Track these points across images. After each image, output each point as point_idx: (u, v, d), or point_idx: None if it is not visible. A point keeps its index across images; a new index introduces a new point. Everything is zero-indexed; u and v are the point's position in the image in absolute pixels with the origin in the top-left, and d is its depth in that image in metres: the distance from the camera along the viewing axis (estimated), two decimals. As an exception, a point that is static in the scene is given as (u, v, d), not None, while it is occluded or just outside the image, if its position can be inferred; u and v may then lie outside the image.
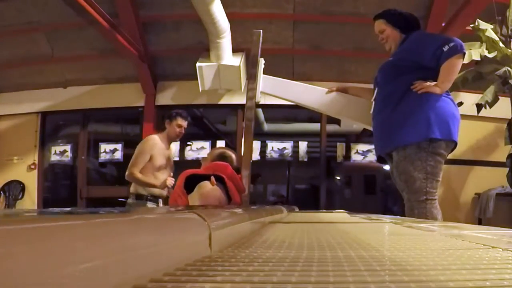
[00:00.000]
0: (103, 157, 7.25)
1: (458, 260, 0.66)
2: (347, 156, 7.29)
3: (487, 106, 5.05)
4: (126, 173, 3.92)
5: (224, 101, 6.83)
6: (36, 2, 5.86)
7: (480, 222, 6.03)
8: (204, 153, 6.54)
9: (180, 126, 4.01)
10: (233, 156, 2.94)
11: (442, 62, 2.52)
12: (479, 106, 5.08)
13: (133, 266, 0.46)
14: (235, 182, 2.64)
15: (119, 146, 7.22)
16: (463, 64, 2.75)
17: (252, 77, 3.19)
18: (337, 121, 7.51)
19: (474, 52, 4.90)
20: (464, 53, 2.59)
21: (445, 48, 2.51)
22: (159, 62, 6.78)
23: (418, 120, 2.56)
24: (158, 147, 3.94)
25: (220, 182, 2.51)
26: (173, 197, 2.60)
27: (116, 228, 0.49)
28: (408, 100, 2.60)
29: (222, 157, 2.83)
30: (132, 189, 4.04)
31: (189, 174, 2.57)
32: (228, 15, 5.45)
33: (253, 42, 3.32)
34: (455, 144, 2.60)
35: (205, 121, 8.61)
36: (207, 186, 2.45)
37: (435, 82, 2.55)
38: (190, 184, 2.49)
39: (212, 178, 2.46)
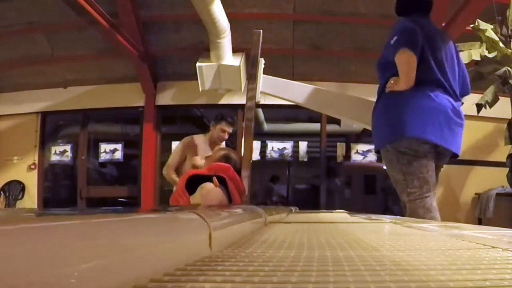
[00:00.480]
0: (103, 157, 7.26)
1: (458, 260, 0.66)
2: (347, 156, 7.29)
3: (487, 106, 5.05)
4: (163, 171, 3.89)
5: (224, 101, 6.83)
6: (36, 2, 5.86)
7: (480, 222, 6.03)
8: (204, 153, 6.54)
9: (224, 131, 3.87)
10: (237, 159, 2.95)
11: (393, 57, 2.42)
12: (479, 106, 5.08)
13: (133, 266, 0.46)
14: (236, 184, 2.65)
15: (119, 146, 7.23)
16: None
17: (252, 77, 3.19)
18: (337, 121, 7.51)
19: (474, 52, 4.90)
20: (407, 47, 2.38)
21: (391, 42, 2.43)
22: (159, 62, 6.78)
23: (382, 123, 2.55)
24: (195, 148, 3.81)
25: (221, 183, 2.52)
26: (174, 197, 2.60)
27: (116, 228, 0.49)
28: (380, 101, 2.59)
29: (227, 158, 2.83)
30: None
31: (191, 175, 2.57)
32: (228, 15, 5.45)
33: (253, 42, 3.32)
34: (427, 140, 2.43)
35: (205, 121, 8.62)
36: (209, 187, 2.46)
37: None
38: (192, 185, 2.50)
39: (215, 179, 2.47)
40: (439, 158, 2.61)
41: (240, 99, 6.38)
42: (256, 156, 7.04)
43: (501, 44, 4.91)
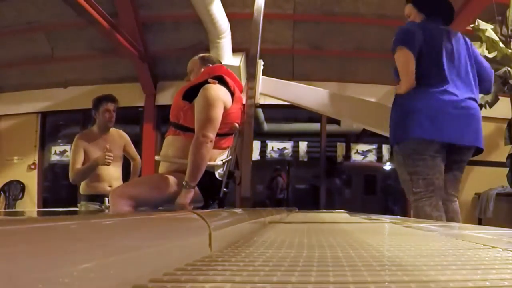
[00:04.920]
0: (103, 157, 7.24)
1: (458, 260, 0.66)
2: (347, 156, 7.29)
3: (487, 106, 5.05)
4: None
5: (224, 101, 6.82)
6: (35, 2, 5.86)
7: (480, 222, 6.03)
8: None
9: (107, 110, 3.64)
10: (211, 55, 2.88)
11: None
12: (479, 106, 5.07)
13: (133, 266, 0.46)
14: (233, 78, 2.62)
15: (119, 146, 7.21)
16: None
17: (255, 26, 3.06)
18: (337, 121, 7.52)
19: (474, 52, 4.89)
20: (402, 45, 2.43)
21: (392, 43, 2.47)
22: (159, 62, 6.78)
23: (390, 125, 2.59)
24: (87, 142, 3.58)
25: (220, 81, 2.48)
26: (174, 114, 2.53)
27: (116, 228, 0.49)
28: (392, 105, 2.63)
29: (204, 60, 2.71)
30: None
31: (187, 88, 2.52)
32: (228, 15, 5.44)
33: None
34: (427, 138, 2.41)
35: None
36: (210, 87, 2.42)
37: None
38: (190, 95, 2.46)
39: (212, 80, 2.45)
40: (456, 153, 2.56)
41: (240, 99, 6.38)
42: (256, 156, 7.03)
43: (501, 44, 4.90)
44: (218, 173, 2.47)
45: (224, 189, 2.55)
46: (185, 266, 0.58)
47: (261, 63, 3.26)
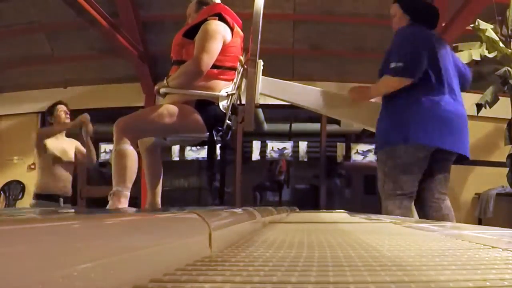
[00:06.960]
0: (103, 157, 7.26)
1: (458, 260, 0.66)
2: (347, 156, 7.29)
3: (487, 106, 5.05)
4: None
5: (224, 101, 6.83)
6: (36, 2, 5.86)
7: (480, 222, 6.03)
8: (203, 154, 6.53)
9: (61, 110, 3.89)
10: None
11: (385, 74, 2.54)
12: (479, 106, 5.08)
13: (133, 266, 0.46)
14: (231, 15, 2.69)
15: (119, 146, 7.22)
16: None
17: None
18: (337, 121, 7.51)
19: (474, 52, 4.89)
20: (407, 77, 2.45)
21: (392, 65, 2.47)
22: (159, 62, 6.78)
23: (379, 127, 2.65)
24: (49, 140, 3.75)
25: (219, 18, 2.57)
26: (176, 50, 2.62)
27: (116, 228, 0.49)
28: (383, 106, 2.65)
29: (202, 2, 2.81)
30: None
31: (188, 27, 2.61)
32: (228, 15, 5.44)
33: None
34: (423, 145, 2.47)
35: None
36: (211, 22, 2.51)
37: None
38: (191, 33, 2.54)
39: (211, 18, 2.53)
40: (447, 157, 2.63)
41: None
42: (256, 156, 7.03)
43: (501, 44, 4.90)
44: (222, 104, 2.52)
45: (228, 122, 2.62)
46: (185, 266, 0.58)
47: (261, 63, 3.26)
